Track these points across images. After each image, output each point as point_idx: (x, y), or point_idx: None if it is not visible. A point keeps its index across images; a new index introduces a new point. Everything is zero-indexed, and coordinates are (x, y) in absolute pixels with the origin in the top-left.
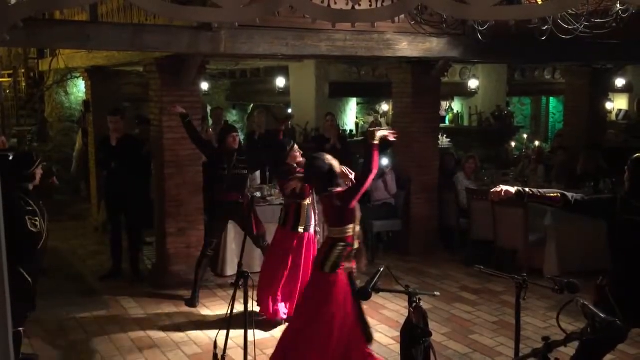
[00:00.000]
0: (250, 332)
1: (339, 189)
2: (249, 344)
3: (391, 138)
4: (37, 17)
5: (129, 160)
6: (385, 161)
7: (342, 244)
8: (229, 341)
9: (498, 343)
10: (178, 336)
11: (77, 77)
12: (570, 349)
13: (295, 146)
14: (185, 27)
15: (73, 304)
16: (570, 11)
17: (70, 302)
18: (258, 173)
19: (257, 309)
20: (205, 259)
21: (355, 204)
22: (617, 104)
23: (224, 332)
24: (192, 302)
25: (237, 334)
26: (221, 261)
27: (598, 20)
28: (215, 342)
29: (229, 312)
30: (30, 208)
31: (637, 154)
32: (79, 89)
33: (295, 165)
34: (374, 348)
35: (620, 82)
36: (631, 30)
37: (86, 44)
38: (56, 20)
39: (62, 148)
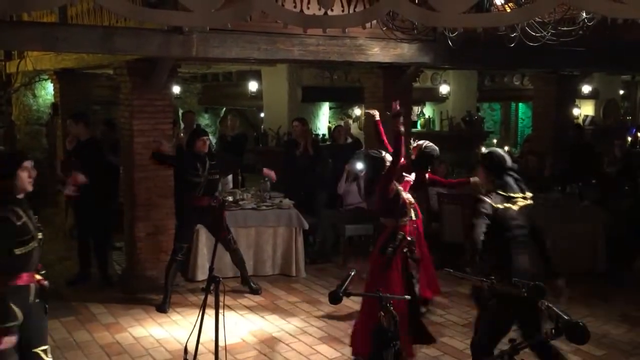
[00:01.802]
0: (221, 337)
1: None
2: (219, 349)
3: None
4: (4, 19)
5: (90, 164)
6: (359, 165)
7: None
8: (200, 346)
9: (468, 345)
10: (148, 342)
11: (46, 80)
12: None
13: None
14: (156, 30)
15: None
16: (537, 19)
17: None
18: (230, 177)
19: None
20: (175, 264)
21: None
22: (584, 110)
23: (194, 337)
24: (163, 308)
25: (207, 339)
26: (192, 266)
27: (565, 28)
28: (185, 348)
29: (199, 317)
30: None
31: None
32: (47, 91)
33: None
34: (344, 352)
35: (586, 88)
36: (597, 38)
37: (55, 46)
38: (24, 22)
39: (30, 151)
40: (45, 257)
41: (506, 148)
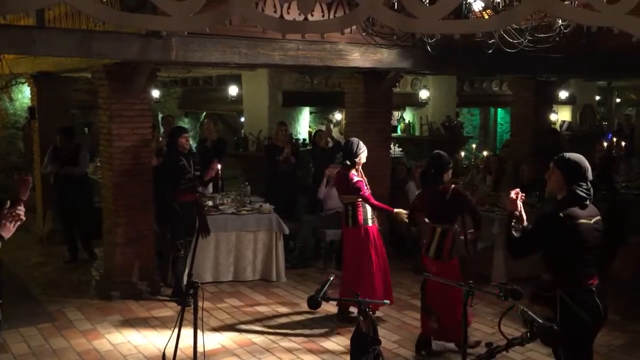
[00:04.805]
0: (200, 342)
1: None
2: (198, 355)
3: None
4: None
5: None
6: None
7: None
8: (178, 352)
9: (447, 349)
10: (126, 348)
11: (22, 83)
12: (513, 353)
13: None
14: (135, 34)
15: (16, 316)
16: (514, 26)
17: (13, 314)
18: None
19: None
20: (180, 261)
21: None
22: (561, 116)
23: (173, 343)
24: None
25: (186, 345)
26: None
27: (541, 35)
28: (163, 354)
29: (178, 322)
30: None
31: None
32: (24, 95)
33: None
34: (324, 357)
35: (563, 94)
36: (573, 45)
37: (32, 49)
38: (0, 25)
39: (7, 156)
40: (21, 263)
41: (485, 153)
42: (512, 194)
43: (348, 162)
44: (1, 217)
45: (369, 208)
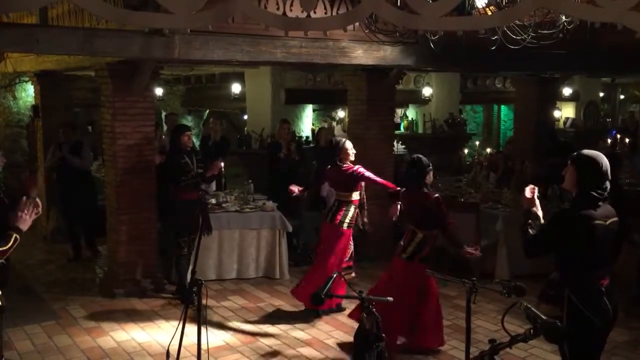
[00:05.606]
0: (203, 340)
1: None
2: (202, 352)
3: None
4: None
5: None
6: None
7: None
8: (182, 350)
9: (451, 346)
10: (130, 345)
11: (26, 81)
12: (517, 350)
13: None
14: (137, 31)
15: (20, 314)
16: (518, 22)
17: (17, 312)
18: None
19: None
20: (183, 258)
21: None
22: (565, 112)
23: (177, 340)
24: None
25: (190, 342)
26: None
27: (545, 32)
28: (167, 351)
29: (182, 320)
30: None
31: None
32: (27, 93)
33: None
34: (328, 354)
35: (567, 91)
36: (577, 41)
37: (35, 47)
38: (4, 23)
39: (11, 154)
40: (25, 261)
41: (488, 150)
42: (528, 192)
43: (335, 159)
44: (19, 210)
45: (350, 212)
